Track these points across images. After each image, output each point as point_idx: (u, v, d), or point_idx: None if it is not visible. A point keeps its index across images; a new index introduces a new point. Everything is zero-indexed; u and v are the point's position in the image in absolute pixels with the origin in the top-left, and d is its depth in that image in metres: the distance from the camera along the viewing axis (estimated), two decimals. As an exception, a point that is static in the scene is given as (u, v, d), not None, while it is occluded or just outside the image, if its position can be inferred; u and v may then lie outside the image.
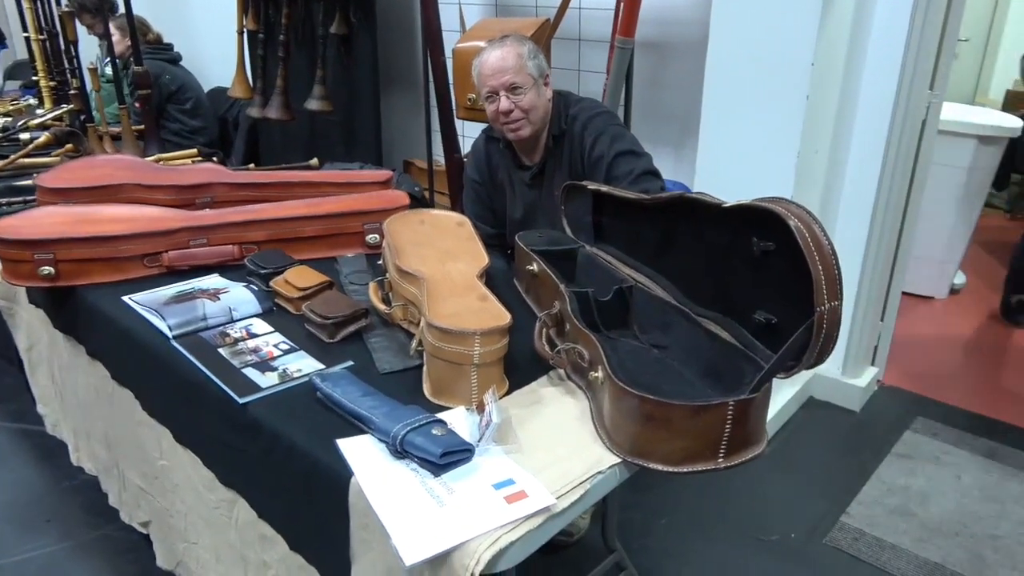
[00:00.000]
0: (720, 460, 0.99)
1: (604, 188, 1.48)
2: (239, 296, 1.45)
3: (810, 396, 2.62)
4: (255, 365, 1.25)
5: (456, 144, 2.91)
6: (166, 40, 3.81)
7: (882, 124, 2.22)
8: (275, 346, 1.31)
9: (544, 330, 1.26)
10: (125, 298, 1.50)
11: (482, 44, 2.16)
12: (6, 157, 2.41)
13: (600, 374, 1.07)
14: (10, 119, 2.92)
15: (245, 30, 3.43)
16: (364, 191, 1.89)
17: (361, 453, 1.02)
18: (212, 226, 1.65)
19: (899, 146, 2.26)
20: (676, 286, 1.31)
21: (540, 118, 1.81)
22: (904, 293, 2.76)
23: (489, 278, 1.59)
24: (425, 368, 1.20)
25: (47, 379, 1.96)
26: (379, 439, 1.03)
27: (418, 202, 2.20)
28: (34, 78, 3.06)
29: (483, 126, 2.04)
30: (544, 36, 2.49)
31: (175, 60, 3.72)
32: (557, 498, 0.93)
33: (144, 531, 1.65)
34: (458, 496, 0.93)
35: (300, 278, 1.48)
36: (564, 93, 1.90)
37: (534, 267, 1.45)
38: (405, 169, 3.49)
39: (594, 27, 2.65)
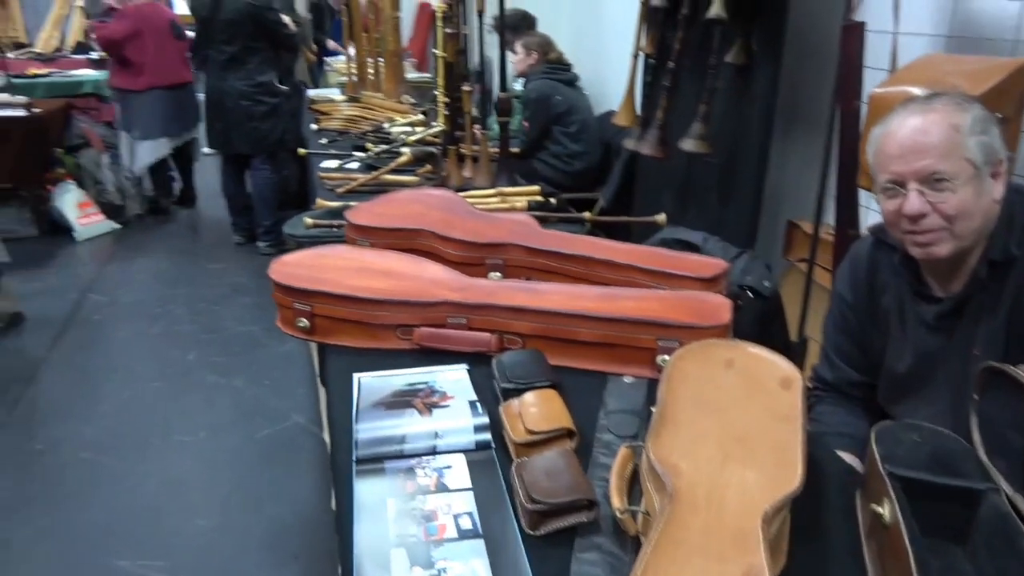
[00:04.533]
0: None
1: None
2: (454, 419, 1.11)
3: None
4: (411, 546, 0.89)
5: (854, 215, 2.21)
6: (569, 60, 3.75)
7: None
8: (456, 518, 0.94)
9: None
10: (356, 375, 1.28)
11: (913, 92, 1.52)
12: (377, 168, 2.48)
13: None
14: (405, 131, 3.07)
15: (641, 53, 3.14)
16: (679, 286, 1.41)
17: None
18: (476, 305, 1.35)
19: None
20: None
21: (973, 231, 1.12)
22: None
23: (812, 477, 0.96)
24: None
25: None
26: None
27: (764, 301, 1.63)
28: (435, 91, 3.17)
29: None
30: (1020, 86, 1.67)
31: (570, 82, 3.62)
32: None
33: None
34: None
35: (537, 413, 1.08)
36: (1026, 191, 1.16)
37: (884, 510, 0.83)
38: (788, 231, 2.84)
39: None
